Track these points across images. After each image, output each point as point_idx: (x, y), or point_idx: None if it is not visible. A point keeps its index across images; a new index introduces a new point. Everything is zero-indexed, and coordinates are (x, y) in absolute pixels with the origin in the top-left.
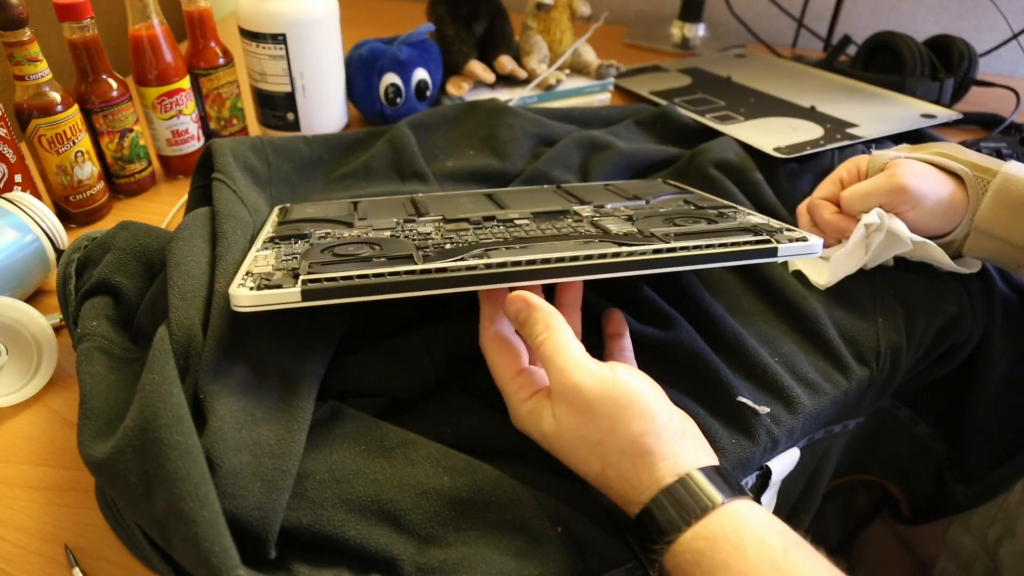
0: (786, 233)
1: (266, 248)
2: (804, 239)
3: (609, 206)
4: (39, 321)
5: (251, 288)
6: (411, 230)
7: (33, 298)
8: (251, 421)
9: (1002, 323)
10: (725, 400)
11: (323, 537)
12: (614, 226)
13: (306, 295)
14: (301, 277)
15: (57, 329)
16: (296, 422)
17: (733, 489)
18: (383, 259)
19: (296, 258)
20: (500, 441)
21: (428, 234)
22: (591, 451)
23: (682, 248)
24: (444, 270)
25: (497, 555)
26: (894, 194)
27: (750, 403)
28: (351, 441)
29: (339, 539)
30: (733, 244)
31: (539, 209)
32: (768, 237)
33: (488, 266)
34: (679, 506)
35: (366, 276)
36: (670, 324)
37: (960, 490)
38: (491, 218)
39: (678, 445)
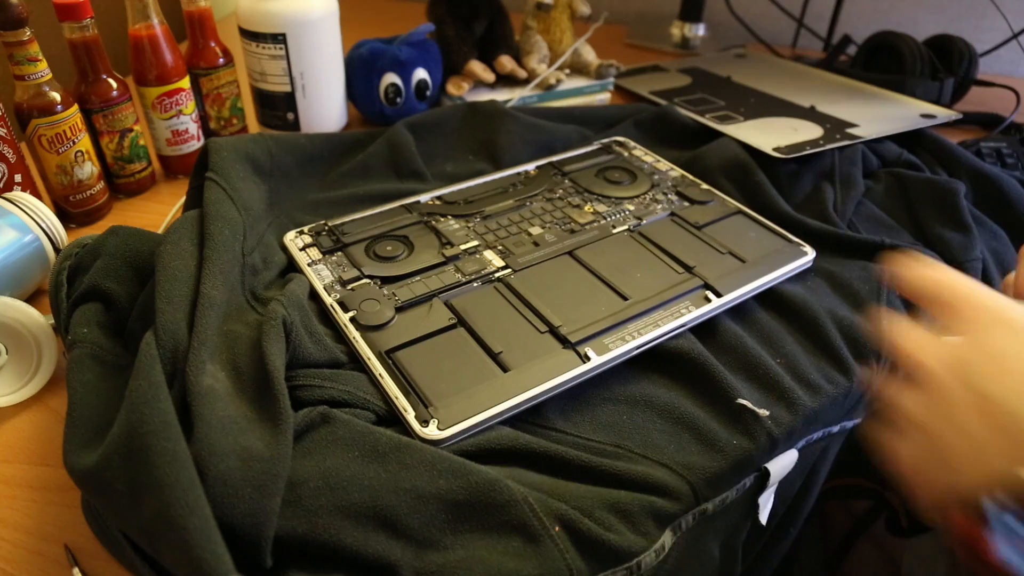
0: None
1: None
2: None
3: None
4: (39, 321)
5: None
6: None
7: (33, 298)
8: (238, 427)
9: None
10: (725, 401)
11: (319, 545)
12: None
13: None
14: None
15: (57, 329)
16: (283, 425)
17: None
18: None
19: None
20: (497, 442)
21: None
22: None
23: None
24: None
25: (495, 557)
26: None
27: (750, 405)
28: (344, 447)
29: (335, 547)
30: None
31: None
32: None
33: None
34: None
35: None
36: None
37: None
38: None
39: None
